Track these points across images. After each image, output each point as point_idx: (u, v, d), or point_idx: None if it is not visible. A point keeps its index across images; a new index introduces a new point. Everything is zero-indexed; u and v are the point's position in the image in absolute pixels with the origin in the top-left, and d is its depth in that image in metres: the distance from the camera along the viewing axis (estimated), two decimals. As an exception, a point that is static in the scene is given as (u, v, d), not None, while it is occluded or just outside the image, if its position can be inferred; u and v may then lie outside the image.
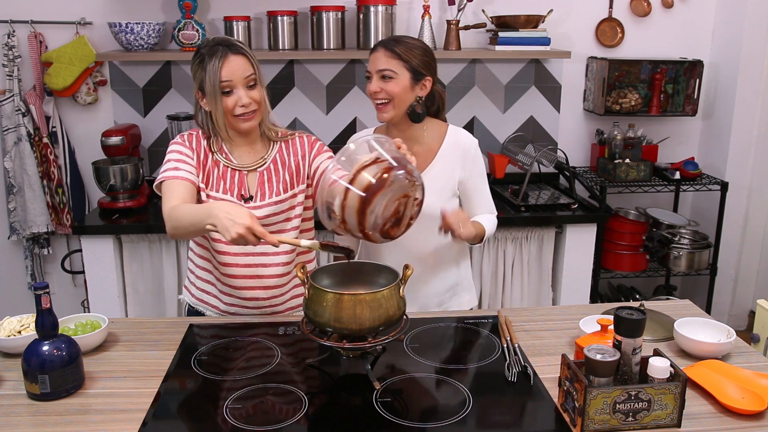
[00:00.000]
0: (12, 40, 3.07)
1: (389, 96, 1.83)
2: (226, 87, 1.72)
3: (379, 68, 1.83)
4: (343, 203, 1.37)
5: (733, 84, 3.35)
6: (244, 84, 1.73)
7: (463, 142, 1.95)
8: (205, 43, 1.76)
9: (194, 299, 1.93)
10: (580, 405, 1.28)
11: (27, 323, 1.62)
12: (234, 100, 1.73)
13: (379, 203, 1.37)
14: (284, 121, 3.33)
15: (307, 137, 1.93)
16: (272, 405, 1.40)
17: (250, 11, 3.16)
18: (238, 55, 1.73)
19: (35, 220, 3.18)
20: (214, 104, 1.74)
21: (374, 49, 1.87)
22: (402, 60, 1.82)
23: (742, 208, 3.51)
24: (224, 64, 1.71)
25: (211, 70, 1.70)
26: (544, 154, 3.16)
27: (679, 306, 1.92)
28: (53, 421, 1.34)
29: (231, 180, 1.80)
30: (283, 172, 1.86)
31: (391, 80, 1.82)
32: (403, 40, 1.86)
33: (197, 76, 1.75)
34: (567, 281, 3.08)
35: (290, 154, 1.88)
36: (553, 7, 3.22)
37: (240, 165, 1.82)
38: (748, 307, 3.66)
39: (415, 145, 1.91)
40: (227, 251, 1.81)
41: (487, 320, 1.79)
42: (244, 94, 1.73)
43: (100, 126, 3.18)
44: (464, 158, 1.94)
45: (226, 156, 1.82)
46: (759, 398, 1.36)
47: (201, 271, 1.90)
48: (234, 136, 1.83)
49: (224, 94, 1.72)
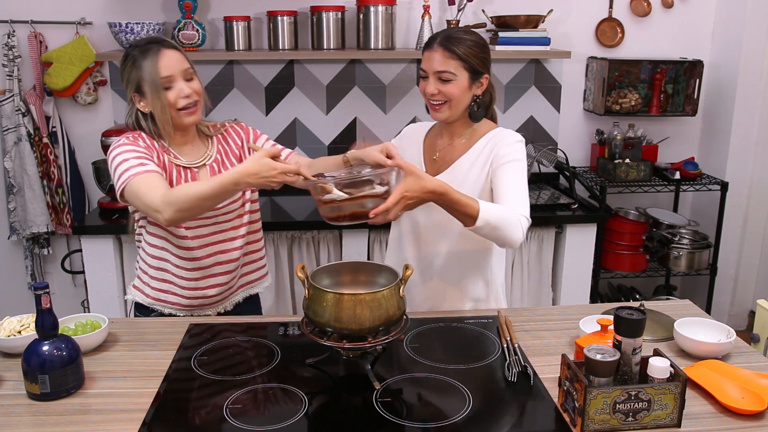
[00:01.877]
0: (12, 40, 3.07)
1: (447, 98, 1.75)
2: (166, 82, 1.71)
3: (437, 70, 1.74)
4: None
5: (733, 84, 3.35)
6: (183, 77, 1.73)
7: (499, 136, 1.81)
8: (134, 44, 1.76)
9: (149, 299, 1.91)
10: (580, 405, 1.28)
11: (27, 323, 1.62)
12: (176, 93, 1.72)
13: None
14: (284, 121, 3.33)
15: (239, 125, 1.96)
16: (272, 405, 1.40)
17: (250, 11, 3.16)
18: (171, 50, 1.73)
19: (35, 220, 3.18)
20: (157, 101, 1.72)
21: (430, 47, 1.77)
22: (461, 60, 1.73)
23: (742, 208, 3.51)
24: (161, 59, 1.70)
25: (149, 67, 1.69)
26: (544, 154, 3.16)
27: (679, 306, 1.91)
28: (53, 421, 1.34)
29: (185, 179, 1.81)
30: (229, 162, 1.89)
31: (449, 82, 1.74)
32: (461, 37, 1.75)
33: (132, 78, 1.73)
34: (567, 281, 3.08)
35: (230, 144, 1.91)
36: (553, 7, 3.22)
37: (188, 163, 1.83)
38: (748, 307, 3.66)
39: (458, 138, 1.86)
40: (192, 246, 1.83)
41: (487, 320, 1.79)
42: (185, 85, 1.73)
43: (100, 126, 3.18)
44: (496, 149, 1.79)
45: (173, 156, 1.81)
46: (759, 398, 1.36)
47: (156, 270, 1.89)
48: (175, 136, 1.81)
49: (165, 89, 1.71)
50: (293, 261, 2.95)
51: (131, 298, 1.96)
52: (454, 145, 1.86)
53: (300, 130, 3.35)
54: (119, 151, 1.72)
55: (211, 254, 1.86)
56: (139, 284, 1.95)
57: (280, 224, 2.89)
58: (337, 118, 3.35)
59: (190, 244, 1.84)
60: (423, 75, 1.79)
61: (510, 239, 1.64)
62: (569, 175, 3.21)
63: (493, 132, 1.84)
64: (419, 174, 1.56)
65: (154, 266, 1.89)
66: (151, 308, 1.92)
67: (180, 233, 1.83)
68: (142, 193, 1.64)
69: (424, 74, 1.78)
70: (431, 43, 1.77)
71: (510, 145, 1.78)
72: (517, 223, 1.64)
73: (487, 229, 1.61)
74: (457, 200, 1.58)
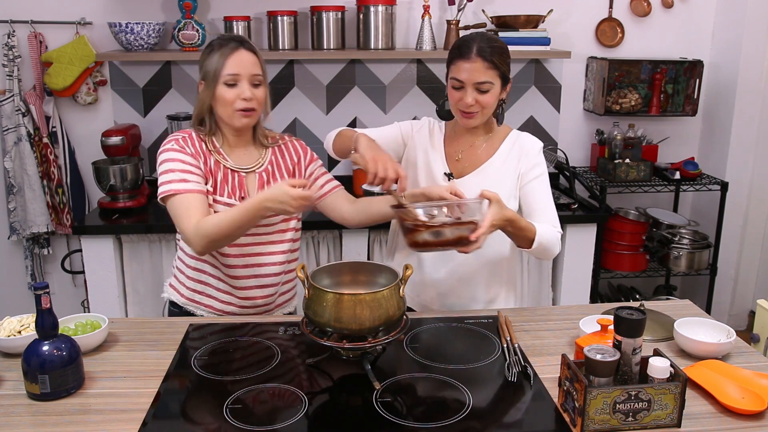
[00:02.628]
0: (12, 40, 3.07)
1: (482, 106, 1.75)
2: (231, 79, 1.72)
3: (478, 81, 1.71)
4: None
5: (733, 84, 3.36)
6: (249, 80, 1.74)
7: (524, 142, 1.86)
8: (219, 37, 1.77)
9: (184, 299, 1.90)
10: (580, 405, 1.28)
11: (27, 323, 1.62)
12: (236, 92, 1.73)
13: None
14: (284, 121, 3.33)
15: (299, 142, 1.94)
16: (272, 405, 1.40)
17: (250, 11, 3.16)
18: (249, 52, 1.74)
19: (35, 220, 3.19)
20: (215, 95, 1.73)
21: (466, 57, 1.71)
22: (497, 69, 1.73)
23: (742, 208, 3.51)
24: (233, 56, 1.72)
25: (219, 60, 1.71)
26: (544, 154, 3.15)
27: (679, 306, 1.91)
28: (53, 421, 1.34)
29: (232, 181, 1.80)
30: (280, 174, 1.86)
31: (487, 93, 1.73)
32: (495, 45, 1.73)
33: (204, 65, 1.75)
34: (567, 281, 3.08)
35: (285, 158, 1.90)
36: (553, 7, 3.22)
37: (237, 166, 1.82)
38: (748, 307, 3.66)
39: (479, 140, 1.87)
40: (229, 253, 1.81)
41: (487, 320, 1.79)
42: (248, 88, 1.74)
43: (100, 126, 3.18)
44: (524, 159, 1.83)
45: (223, 157, 1.81)
46: (759, 398, 1.36)
47: (193, 271, 1.88)
48: (230, 135, 1.82)
49: (228, 86, 1.72)
50: (293, 261, 2.95)
51: (167, 296, 1.96)
52: (476, 146, 1.86)
53: (300, 130, 3.35)
54: (166, 157, 1.74)
55: (248, 265, 1.83)
56: (175, 283, 1.94)
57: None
58: (337, 118, 3.35)
59: (228, 252, 1.81)
60: (458, 86, 1.74)
61: (550, 255, 1.79)
62: (569, 175, 3.21)
63: (514, 135, 1.88)
64: (502, 204, 1.62)
65: (192, 266, 1.87)
66: (185, 309, 1.90)
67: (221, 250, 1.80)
68: (178, 215, 1.69)
69: (460, 85, 1.74)
70: (467, 52, 1.72)
71: (537, 156, 1.84)
72: (558, 240, 1.78)
73: (539, 249, 1.73)
74: (523, 227, 1.68)
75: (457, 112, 1.79)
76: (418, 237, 1.55)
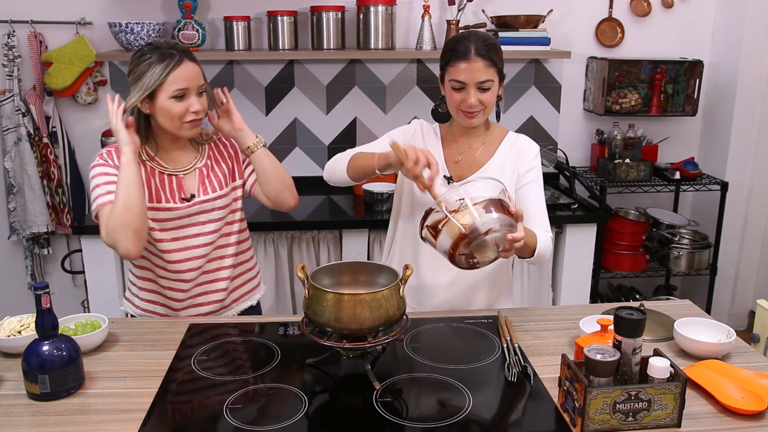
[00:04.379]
0: (12, 40, 3.07)
1: (484, 105, 1.74)
2: (179, 93, 1.69)
3: (480, 80, 1.70)
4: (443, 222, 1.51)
5: (733, 84, 3.35)
6: (196, 91, 1.72)
7: (522, 145, 1.85)
8: (155, 45, 1.71)
9: (140, 310, 1.93)
10: (580, 405, 1.28)
11: (27, 323, 1.62)
12: (185, 106, 1.70)
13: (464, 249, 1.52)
14: (284, 121, 3.33)
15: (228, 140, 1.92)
16: (272, 405, 1.40)
17: (250, 11, 3.16)
18: (193, 63, 1.72)
19: (35, 220, 3.18)
20: (163, 109, 1.69)
21: (466, 57, 1.70)
22: (496, 67, 1.73)
23: (742, 208, 3.51)
24: (180, 69, 1.68)
25: (163, 73, 1.67)
26: (544, 154, 3.15)
27: (679, 306, 1.91)
28: (53, 421, 1.34)
29: (170, 186, 1.79)
30: (219, 167, 1.86)
31: (488, 91, 1.72)
32: (491, 43, 1.73)
33: (139, 75, 1.69)
34: (567, 281, 3.08)
35: (222, 152, 1.89)
36: (553, 7, 3.22)
37: (175, 169, 1.81)
38: (748, 307, 3.66)
39: (476, 141, 1.86)
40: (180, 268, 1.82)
41: (487, 320, 1.79)
42: (196, 100, 1.72)
43: (100, 126, 3.18)
44: (521, 161, 1.83)
45: (158, 163, 1.80)
46: (759, 398, 1.36)
47: (143, 281, 1.89)
48: (167, 141, 1.80)
49: (177, 98, 1.69)
50: (293, 261, 2.95)
51: (124, 309, 1.98)
52: (474, 148, 1.86)
53: (300, 130, 3.35)
54: (93, 173, 1.75)
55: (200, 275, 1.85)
56: (129, 295, 1.97)
57: (280, 224, 2.88)
58: (337, 118, 3.35)
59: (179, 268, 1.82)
60: (458, 87, 1.72)
61: (544, 260, 1.80)
62: (569, 175, 3.21)
63: (512, 137, 1.87)
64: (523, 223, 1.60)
65: (141, 276, 1.89)
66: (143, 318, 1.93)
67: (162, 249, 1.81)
68: (101, 226, 1.69)
69: (461, 86, 1.72)
70: (465, 52, 1.70)
71: (533, 159, 1.85)
72: (551, 245, 1.81)
73: (537, 258, 1.74)
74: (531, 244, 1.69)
75: (458, 113, 1.77)
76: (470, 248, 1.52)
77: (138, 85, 1.70)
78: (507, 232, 1.51)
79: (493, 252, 1.55)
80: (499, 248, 1.54)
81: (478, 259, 1.55)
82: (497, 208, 1.51)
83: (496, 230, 1.50)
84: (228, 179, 1.87)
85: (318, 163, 3.40)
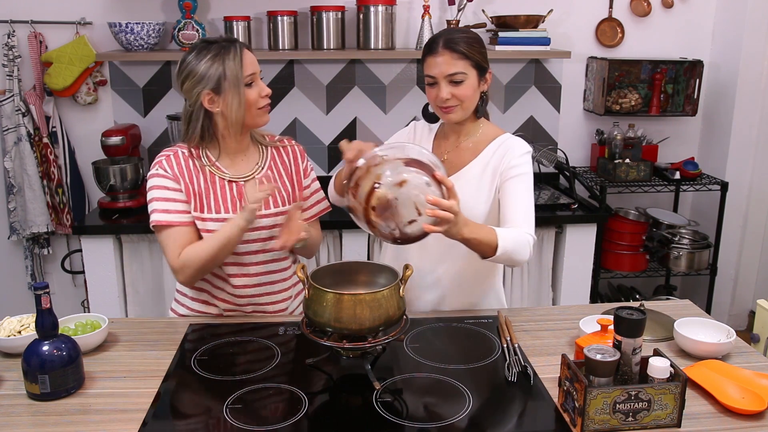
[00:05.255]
0: (12, 40, 3.07)
1: (460, 100, 1.71)
2: (251, 79, 1.69)
3: (449, 73, 1.68)
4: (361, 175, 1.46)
5: (733, 84, 3.36)
6: (259, 78, 1.74)
7: (510, 144, 1.78)
8: (210, 41, 1.70)
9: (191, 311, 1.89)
10: (580, 405, 1.28)
11: (27, 323, 1.62)
12: (257, 91, 1.71)
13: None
14: (284, 121, 3.33)
15: (299, 147, 1.92)
16: (272, 405, 1.40)
17: (250, 11, 3.16)
18: (249, 51, 1.73)
19: (35, 220, 3.18)
20: (237, 99, 1.67)
21: (433, 51, 1.71)
22: (468, 58, 1.69)
23: (742, 208, 3.51)
24: (245, 57, 1.69)
25: (234, 64, 1.66)
26: (544, 154, 3.16)
27: (679, 306, 1.91)
28: (53, 421, 1.34)
29: (231, 193, 1.76)
30: (281, 180, 1.83)
31: (461, 84, 1.70)
32: (460, 35, 1.71)
33: (210, 74, 1.66)
34: (567, 281, 3.08)
35: (285, 162, 1.86)
36: (553, 7, 3.22)
37: (236, 175, 1.78)
38: (748, 307, 3.66)
39: (466, 141, 1.82)
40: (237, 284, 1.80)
41: (487, 320, 1.79)
42: (264, 85, 1.74)
43: (100, 126, 3.18)
44: (506, 158, 1.76)
45: (219, 169, 1.77)
46: (759, 398, 1.36)
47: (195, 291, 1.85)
48: (231, 144, 1.77)
49: (247, 86, 1.69)
50: (293, 261, 2.95)
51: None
52: (462, 147, 1.83)
53: (300, 130, 3.35)
54: (151, 184, 1.75)
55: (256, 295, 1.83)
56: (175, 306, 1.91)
57: (280, 224, 2.88)
58: (337, 118, 3.35)
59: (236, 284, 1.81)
60: (431, 82, 1.73)
61: (520, 261, 1.67)
62: (569, 175, 3.21)
63: (502, 138, 1.81)
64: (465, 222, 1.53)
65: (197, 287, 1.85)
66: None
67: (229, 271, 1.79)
68: (164, 248, 1.73)
69: (433, 81, 1.72)
70: (433, 47, 1.71)
71: (519, 157, 1.76)
72: (527, 244, 1.66)
73: (504, 257, 1.62)
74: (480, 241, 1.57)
75: (437, 109, 1.77)
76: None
77: (203, 83, 1.67)
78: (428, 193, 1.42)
79: (410, 213, 1.43)
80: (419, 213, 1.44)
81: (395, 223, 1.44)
82: (421, 168, 1.43)
83: (412, 184, 1.41)
84: (290, 197, 1.83)
85: (318, 163, 3.40)
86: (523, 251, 1.65)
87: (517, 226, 1.69)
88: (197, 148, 1.77)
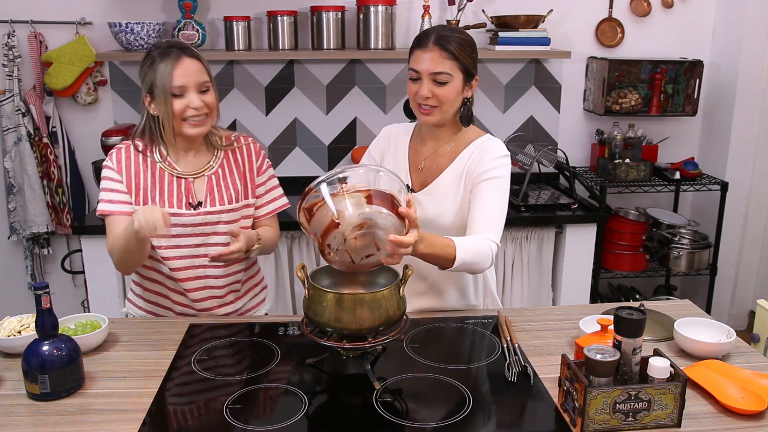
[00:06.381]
0: (12, 40, 3.07)
1: (440, 102, 1.65)
2: (178, 90, 1.67)
3: (434, 71, 1.62)
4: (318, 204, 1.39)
5: (733, 84, 3.35)
6: (196, 88, 1.70)
7: (487, 146, 1.72)
8: (157, 45, 1.72)
9: (142, 311, 1.93)
10: (580, 405, 1.28)
11: (27, 323, 1.62)
12: (184, 103, 1.69)
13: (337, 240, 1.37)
14: (284, 121, 3.33)
15: (255, 145, 1.88)
16: (272, 405, 1.40)
17: (250, 11, 3.16)
18: (192, 59, 1.70)
19: (35, 220, 3.18)
20: (164, 107, 1.68)
21: (422, 45, 1.64)
22: (457, 60, 1.63)
23: (742, 208, 3.51)
24: (177, 66, 1.67)
25: (164, 72, 1.66)
26: (544, 154, 3.16)
27: (679, 306, 1.91)
28: (53, 421, 1.34)
29: (177, 188, 1.77)
30: (231, 178, 1.83)
31: (445, 85, 1.64)
32: (454, 35, 1.65)
33: (147, 78, 1.70)
34: (567, 281, 3.08)
35: (238, 161, 1.85)
36: (553, 7, 3.22)
37: (185, 172, 1.79)
38: (748, 307, 3.66)
39: (444, 145, 1.77)
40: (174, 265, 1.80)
41: (487, 320, 1.79)
42: (196, 97, 1.70)
43: (100, 126, 3.18)
44: (480, 163, 1.70)
45: (169, 164, 1.78)
46: (759, 398, 1.36)
47: (148, 282, 1.88)
48: (178, 143, 1.78)
49: (174, 96, 1.68)
50: (293, 261, 2.95)
51: (126, 311, 1.98)
52: (439, 153, 1.77)
53: (300, 130, 3.35)
54: (102, 174, 1.80)
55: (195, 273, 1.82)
56: (132, 296, 1.96)
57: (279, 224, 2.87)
58: (337, 118, 3.35)
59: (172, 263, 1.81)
60: (414, 77, 1.67)
61: (480, 270, 1.67)
62: (569, 175, 3.21)
63: (480, 141, 1.75)
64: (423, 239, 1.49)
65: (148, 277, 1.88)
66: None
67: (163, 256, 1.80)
68: (107, 233, 1.76)
69: (416, 76, 1.66)
70: (423, 41, 1.65)
71: (493, 161, 1.70)
72: (488, 252, 1.63)
73: (463, 267, 1.60)
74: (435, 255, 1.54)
75: (415, 107, 1.71)
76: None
77: (143, 85, 1.73)
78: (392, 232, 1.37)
79: (369, 249, 1.39)
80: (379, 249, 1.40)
81: (350, 257, 1.40)
82: (384, 203, 1.37)
83: (374, 226, 1.35)
84: (240, 195, 1.83)
85: (318, 163, 3.40)
86: (484, 261, 1.62)
87: (480, 233, 1.65)
88: (150, 144, 1.79)
